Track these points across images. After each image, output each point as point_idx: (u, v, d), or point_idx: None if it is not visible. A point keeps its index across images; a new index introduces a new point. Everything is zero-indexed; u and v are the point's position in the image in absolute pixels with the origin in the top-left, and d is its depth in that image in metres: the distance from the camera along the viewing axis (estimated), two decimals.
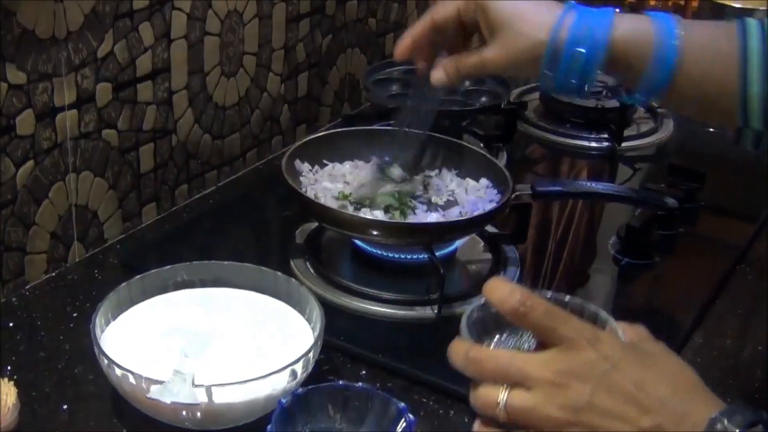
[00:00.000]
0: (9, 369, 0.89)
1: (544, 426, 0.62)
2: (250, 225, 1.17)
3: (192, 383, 0.78)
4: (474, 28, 0.87)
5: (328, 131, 1.16)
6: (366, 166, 1.11)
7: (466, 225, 1.01)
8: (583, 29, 0.80)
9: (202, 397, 0.77)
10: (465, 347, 0.66)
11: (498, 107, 1.30)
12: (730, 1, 1.60)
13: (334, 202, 1.04)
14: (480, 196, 1.07)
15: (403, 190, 1.05)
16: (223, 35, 1.18)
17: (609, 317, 0.69)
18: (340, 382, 0.83)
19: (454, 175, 1.11)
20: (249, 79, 1.25)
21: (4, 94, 0.92)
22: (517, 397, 0.63)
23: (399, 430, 0.78)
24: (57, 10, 0.95)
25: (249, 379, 0.78)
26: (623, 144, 1.38)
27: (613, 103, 1.40)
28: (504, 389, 0.63)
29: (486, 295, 0.65)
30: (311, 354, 0.83)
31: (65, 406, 0.86)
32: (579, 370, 0.62)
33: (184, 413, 0.78)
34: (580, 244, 1.19)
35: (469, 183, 1.10)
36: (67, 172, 1.01)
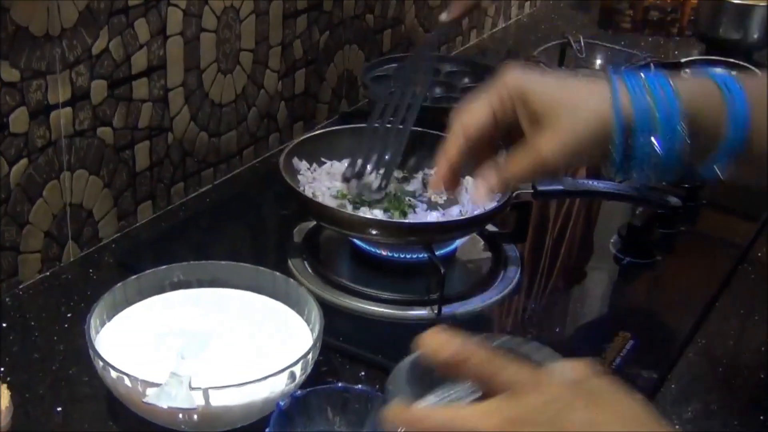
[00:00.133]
0: (2, 370, 0.88)
1: None
2: (247, 223, 1.16)
3: (189, 386, 0.76)
4: (511, 125, 0.74)
5: (326, 129, 1.15)
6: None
7: (466, 224, 1.00)
8: (645, 91, 0.70)
9: (198, 400, 0.76)
10: (399, 410, 0.60)
11: None
12: None
13: (333, 201, 1.03)
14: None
15: (402, 190, 1.04)
16: (220, 32, 1.17)
17: (555, 355, 0.67)
18: (339, 384, 0.82)
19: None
20: (246, 76, 1.24)
21: None
22: None
23: None
24: (51, 7, 0.94)
25: (247, 382, 0.77)
26: None
27: None
28: None
29: (420, 347, 0.61)
30: (310, 355, 0.82)
31: (59, 408, 0.85)
32: (526, 417, 0.57)
33: (181, 416, 0.77)
34: (581, 243, 1.18)
35: (468, 181, 1.08)
36: (62, 171, 1.01)
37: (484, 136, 0.75)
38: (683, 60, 1.59)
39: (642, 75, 0.71)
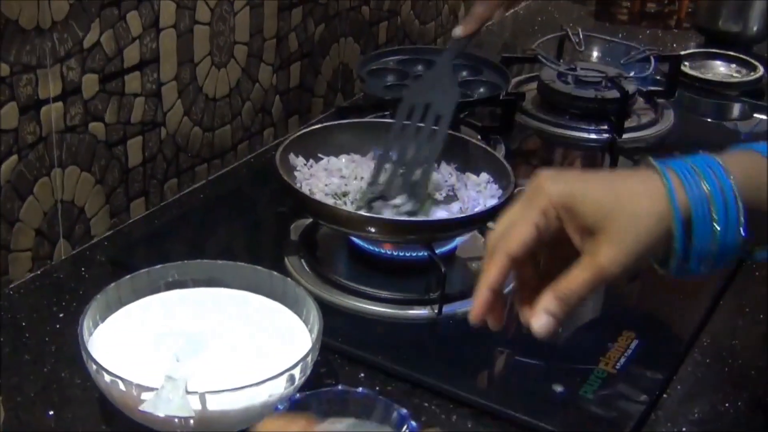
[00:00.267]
0: None
1: None
2: (243, 220, 1.14)
3: (185, 390, 0.74)
4: (558, 240, 0.70)
5: (323, 124, 1.13)
6: (363, 160, 1.08)
7: (467, 222, 0.98)
8: (697, 177, 0.67)
9: (195, 405, 0.74)
10: None
11: (497, 98, 1.26)
12: None
13: (330, 198, 1.01)
14: (480, 191, 1.04)
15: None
16: (214, 24, 1.15)
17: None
18: (339, 387, 0.79)
19: (453, 169, 1.08)
20: (240, 70, 1.22)
21: None
22: None
23: None
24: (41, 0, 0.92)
25: (245, 386, 0.75)
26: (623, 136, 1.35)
27: (613, 93, 1.37)
28: None
29: None
30: (309, 358, 0.80)
31: (51, 411, 0.83)
32: None
33: (177, 421, 0.75)
34: None
35: (469, 177, 1.07)
36: (53, 167, 0.99)
37: (527, 256, 0.71)
38: (683, 53, 1.57)
39: (690, 161, 0.68)
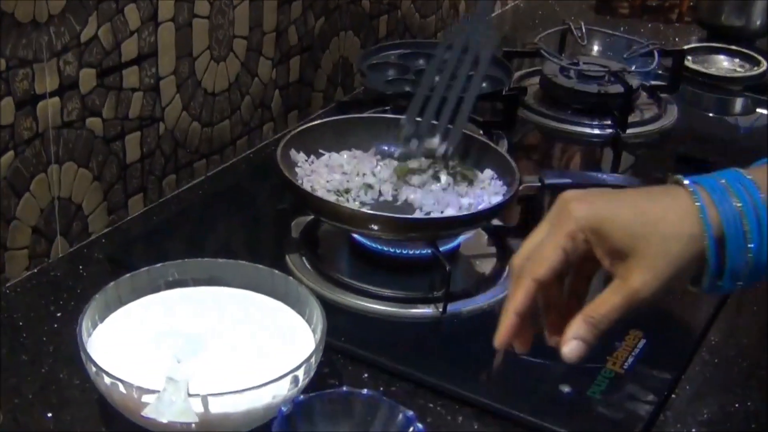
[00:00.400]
0: None
1: None
2: (242, 217, 1.12)
3: (187, 392, 0.73)
4: (584, 258, 0.69)
5: (324, 119, 1.11)
6: (365, 156, 1.06)
7: (472, 219, 0.96)
8: (728, 193, 0.66)
9: (197, 408, 0.73)
10: None
11: (500, 93, 1.25)
12: None
13: (333, 195, 1.00)
14: (484, 188, 1.02)
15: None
16: (213, 18, 1.13)
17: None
18: (344, 388, 0.78)
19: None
20: (239, 64, 1.20)
21: None
22: None
23: None
24: None
25: (248, 388, 0.73)
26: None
27: (616, 88, 1.35)
28: None
29: None
30: (313, 359, 0.78)
31: (50, 413, 0.81)
32: None
33: (179, 425, 0.73)
34: None
35: (473, 174, 1.05)
36: (49, 163, 0.97)
37: (554, 281, 0.70)
38: (686, 47, 1.56)
39: (720, 178, 0.67)
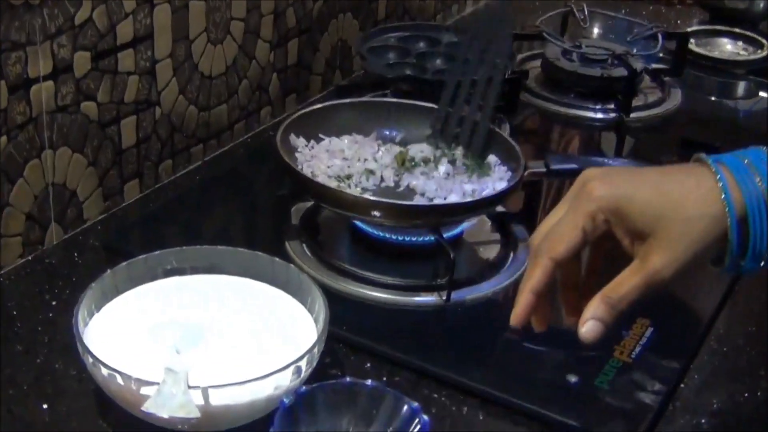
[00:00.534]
0: None
1: None
2: (241, 203, 1.10)
3: (186, 384, 0.71)
4: (603, 236, 0.69)
5: (325, 103, 1.09)
6: (366, 141, 1.04)
7: (477, 206, 0.95)
8: (751, 171, 0.66)
9: (198, 400, 0.71)
10: None
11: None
12: None
13: (333, 181, 0.98)
14: (489, 174, 1.00)
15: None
16: None
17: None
18: (347, 379, 0.77)
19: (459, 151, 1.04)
20: (237, 47, 1.18)
21: None
22: None
23: None
24: None
25: (249, 380, 0.71)
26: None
27: (620, 71, 1.33)
28: None
29: None
30: (316, 349, 0.76)
31: (45, 405, 0.80)
32: None
33: (180, 419, 0.71)
34: None
35: (485, 166, 1.03)
36: (43, 149, 0.96)
37: (572, 260, 0.70)
38: (689, 30, 1.54)
39: (743, 156, 0.67)
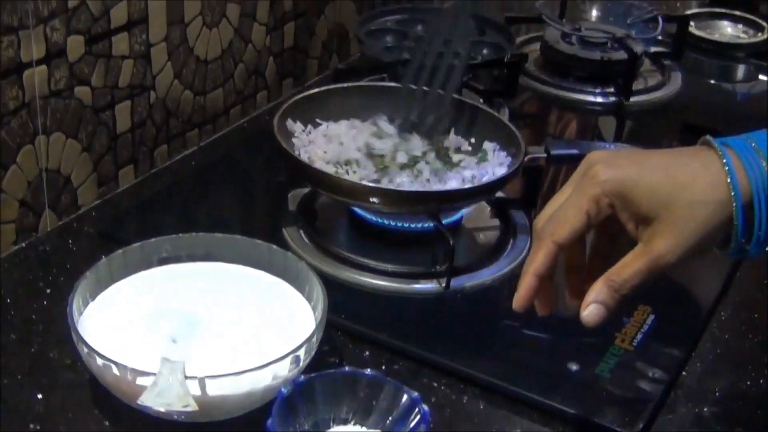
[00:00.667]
0: None
1: None
2: (237, 189, 1.09)
3: (183, 374, 0.70)
4: (608, 220, 0.69)
5: (322, 88, 1.07)
6: (364, 126, 1.03)
7: (476, 192, 0.94)
8: (758, 155, 0.65)
9: (194, 390, 0.70)
10: None
11: (502, 60, 1.21)
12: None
13: (331, 167, 0.96)
14: (488, 160, 0.99)
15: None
16: None
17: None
18: (345, 368, 0.76)
19: (459, 138, 1.03)
20: (232, 30, 1.17)
21: None
22: None
23: (412, 422, 0.72)
24: None
25: (247, 370, 0.70)
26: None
27: (620, 54, 1.32)
28: None
29: None
30: (314, 338, 0.75)
31: (39, 394, 0.79)
32: None
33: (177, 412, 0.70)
34: None
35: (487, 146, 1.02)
36: (36, 134, 0.94)
37: (575, 244, 0.70)
38: (688, 12, 1.53)
39: (750, 139, 0.66)
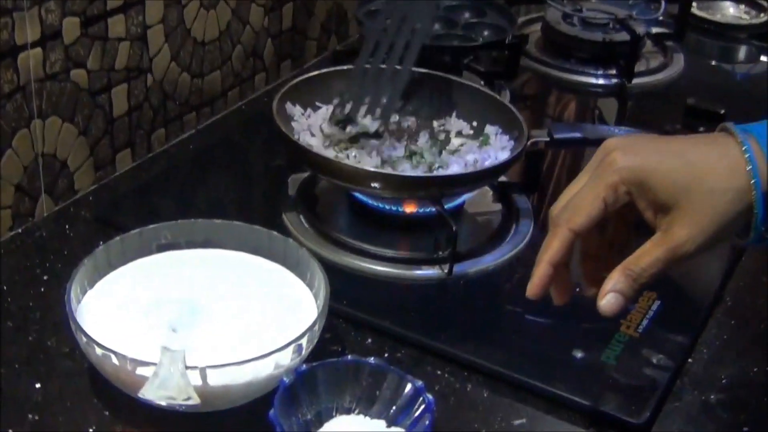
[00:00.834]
0: None
1: None
2: (235, 173, 1.08)
3: (183, 364, 0.69)
4: (626, 207, 0.68)
5: (321, 70, 1.06)
6: (363, 109, 1.01)
7: (479, 177, 0.92)
8: None
9: (195, 380, 0.69)
10: None
11: (503, 42, 1.20)
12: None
13: (331, 151, 0.95)
14: (490, 144, 0.98)
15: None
16: None
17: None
18: (348, 357, 0.75)
19: (461, 122, 1.02)
20: (230, 11, 1.15)
21: None
22: None
23: (417, 411, 0.71)
24: None
25: (249, 359, 0.69)
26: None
27: (622, 36, 1.31)
28: None
29: None
30: (317, 326, 0.74)
31: (38, 383, 0.77)
32: None
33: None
34: None
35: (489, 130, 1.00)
36: (32, 118, 0.93)
37: (592, 232, 0.69)
38: None
39: None
